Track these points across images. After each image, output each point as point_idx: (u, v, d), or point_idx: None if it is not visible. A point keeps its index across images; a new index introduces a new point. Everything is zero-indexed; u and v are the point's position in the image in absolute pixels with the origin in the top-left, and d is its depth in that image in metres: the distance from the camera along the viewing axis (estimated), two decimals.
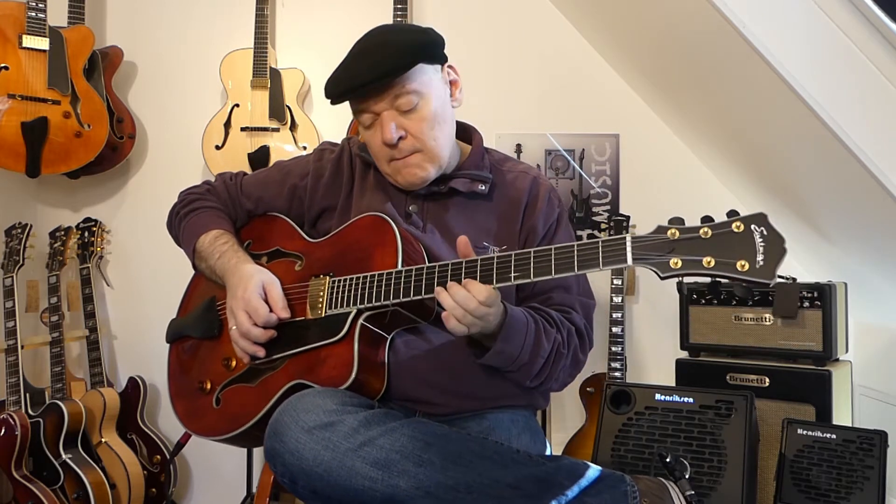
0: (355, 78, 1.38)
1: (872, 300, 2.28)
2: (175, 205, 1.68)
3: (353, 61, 1.41)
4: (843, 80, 1.71)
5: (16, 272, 2.49)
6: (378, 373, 1.37)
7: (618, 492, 1.28)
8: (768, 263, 1.09)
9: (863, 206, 1.93)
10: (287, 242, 1.55)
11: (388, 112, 1.41)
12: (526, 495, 1.22)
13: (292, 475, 1.22)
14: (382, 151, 1.45)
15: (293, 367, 1.39)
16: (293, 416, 1.23)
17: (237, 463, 2.67)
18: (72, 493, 2.33)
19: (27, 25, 2.50)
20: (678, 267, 1.12)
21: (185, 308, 1.65)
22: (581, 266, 1.18)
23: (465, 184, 1.50)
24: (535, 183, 1.54)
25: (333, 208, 1.56)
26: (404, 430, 1.24)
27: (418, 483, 1.19)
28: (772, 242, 1.10)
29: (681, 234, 1.14)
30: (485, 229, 1.49)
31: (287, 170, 1.63)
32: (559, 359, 1.41)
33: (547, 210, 1.52)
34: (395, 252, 1.36)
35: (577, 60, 2.74)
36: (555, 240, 1.50)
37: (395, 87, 1.39)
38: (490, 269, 1.24)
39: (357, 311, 1.35)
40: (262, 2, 2.71)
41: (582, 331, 1.47)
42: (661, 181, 2.71)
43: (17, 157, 2.48)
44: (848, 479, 1.74)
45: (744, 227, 1.11)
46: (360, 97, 1.41)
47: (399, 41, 1.41)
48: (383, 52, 1.38)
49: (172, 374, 1.59)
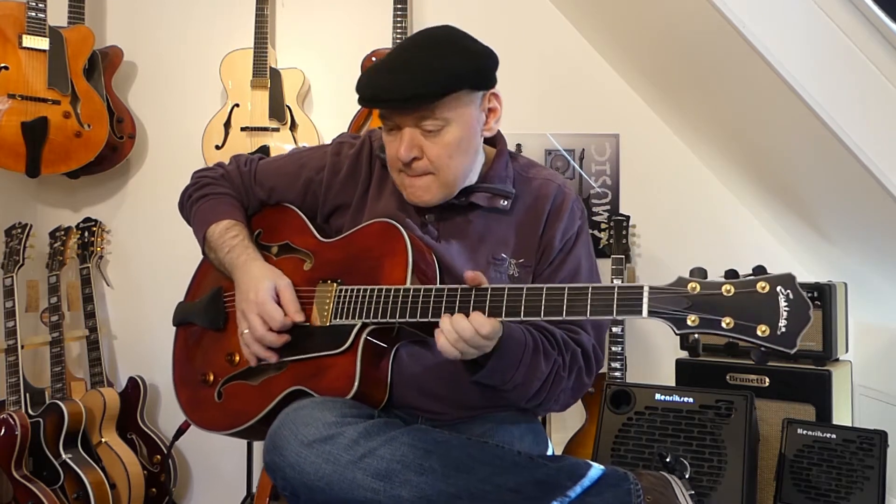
0: (386, 91, 1.32)
1: (872, 300, 2.28)
2: (187, 187, 1.64)
3: (391, 71, 1.34)
4: (843, 80, 1.71)
5: (16, 272, 2.49)
6: (380, 385, 1.36)
7: (620, 490, 1.28)
8: (791, 331, 1.03)
9: (863, 206, 1.93)
10: (297, 238, 1.53)
11: (410, 129, 1.35)
12: (528, 498, 1.22)
13: (294, 489, 1.22)
14: (396, 162, 1.39)
15: (295, 372, 1.38)
16: (292, 430, 1.23)
17: (237, 463, 2.67)
18: (72, 493, 2.33)
19: (27, 25, 2.50)
20: (695, 324, 1.08)
21: (193, 292, 1.64)
22: (593, 312, 1.15)
23: (487, 199, 1.44)
24: (560, 192, 1.48)
25: (347, 206, 1.53)
26: (404, 438, 1.23)
27: (421, 492, 1.19)
28: (797, 308, 1.04)
29: (701, 289, 1.09)
30: (503, 241, 1.45)
31: (303, 161, 1.58)
32: (559, 381, 1.37)
33: (567, 222, 1.46)
34: (405, 265, 1.34)
35: (577, 60, 2.74)
36: (572, 254, 1.46)
37: (422, 110, 1.33)
38: (500, 303, 1.22)
39: (362, 324, 1.34)
40: (262, 2, 2.71)
41: (589, 352, 1.41)
42: (661, 181, 2.71)
43: (17, 157, 2.47)
44: (848, 479, 1.74)
45: (769, 287, 1.05)
46: (388, 109, 1.36)
47: (440, 65, 1.32)
48: (423, 73, 1.31)
49: (178, 359, 1.58)
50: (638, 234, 2.64)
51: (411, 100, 1.31)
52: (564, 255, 1.46)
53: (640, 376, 2.63)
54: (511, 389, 1.34)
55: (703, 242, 2.67)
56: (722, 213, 2.68)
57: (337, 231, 1.52)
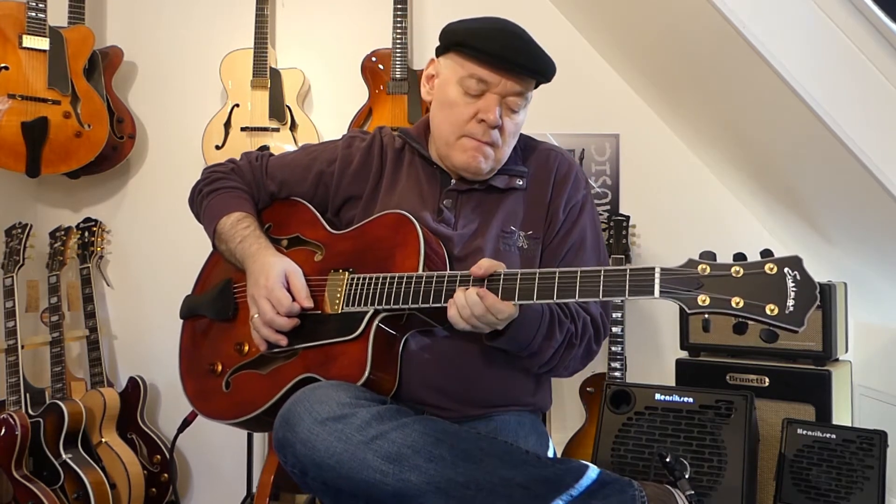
0: (523, 56, 1.39)
1: (872, 300, 2.28)
2: (198, 182, 1.66)
3: (519, 38, 1.41)
4: (843, 80, 1.71)
5: (16, 272, 2.50)
6: (390, 373, 1.37)
7: (626, 496, 1.28)
8: (798, 309, 1.07)
9: (863, 206, 1.93)
10: (308, 230, 1.54)
11: (499, 98, 1.41)
12: (535, 496, 1.23)
13: (303, 466, 1.22)
14: (465, 125, 1.43)
15: (305, 360, 1.39)
16: (306, 407, 1.23)
17: (237, 463, 2.67)
18: (72, 493, 2.33)
19: (27, 25, 2.50)
20: (706, 304, 1.11)
21: (201, 285, 1.64)
22: (606, 293, 1.18)
23: (504, 180, 1.50)
24: (564, 160, 1.55)
25: (359, 198, 1.54)
26: (416, 425, 1.24)
27: (429, 478, 1.19)
28: (804, 288, 1.07)
29: (711, 270, 1.12)
30: (513, 214, 1.49)
31: (314, 155, 1.60)
32: (570, 349, 1.42)
33: (572, 190, 1.52)
34: (416, 255, 1.35)
35: (577, 60, 2.74)
36: (578, 223, 1.50)
37: (528, 87, 1.43)
38: (513, 286, 1.24)
39: (374, 311, 1.35)
40: (262, 2, 2.71)
41: (598, 321, 1.47)
42: (661, 181, 2.71)
43: (17, 157, 2.48)
44: (848, 479, 1.74)
45: (777, 269, 1.09)
46: (504, 72, 1.40)
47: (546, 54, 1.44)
48: (545, 55, 1.43)
49: (184, 350, 1.59)
50: (638, 234, 2.64)
51: (539, 74, 1.42)
52: (571, 223, 1.50)
53: (640, 376, 2.62)
54: (527, 356, 1.39)
55: (702, 242, 2.65)
56: (722, 213, 2.68)
57: (347, 223, 1.53)
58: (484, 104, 1.40)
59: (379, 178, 1.55)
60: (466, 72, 1.41)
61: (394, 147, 1.57)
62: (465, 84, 1.41)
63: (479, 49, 1.38)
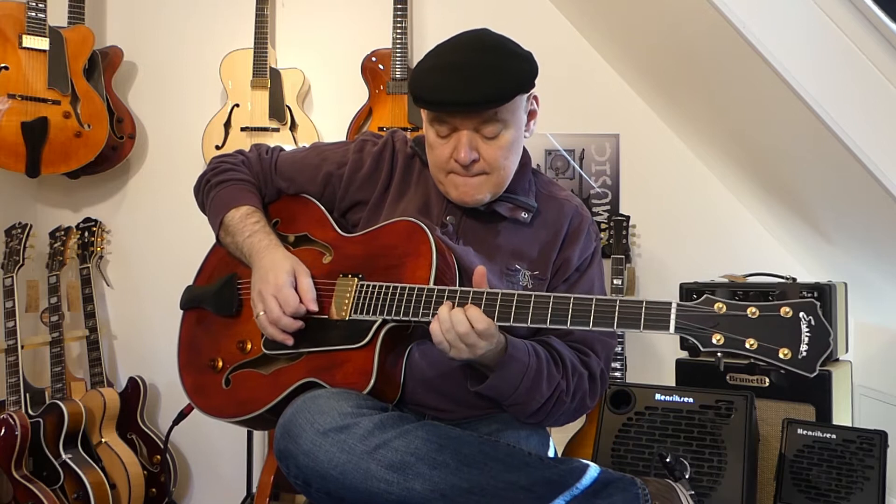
0: (457, 94, 1.31)
1: (872, 300, 2.28)
2: (205, 171, 1.63)
3: (454, 73, 1.32)
4: (843, 80, 1.71)
5: (16, 272, 2.50)
6: (394, 382, 1.36)
7: (630, 494, 1.28)
8: (811, 355, 1.08)
9: (863, 206, 1.93)
10: (317, 230, 1.52)
11: (468, 133, 1.35)
12: (538, 497, 1.23)
13: (306, 477, 1.22)
14: (447, 164, 1.39)
15: (309, 364, 1.38)
16: (308, 418, 1.23)
17: (237, 463, 2.67)
18: (72, 494, 2.33)
19: (27, 25, 2.50)
20: (720, 343, 1.11)
21: (203, 276, 1.62)
22: (620, 324, 1.17)
23: (509, 209, 1.46)
24: (577, 213, 1.51)
25: (366, 203, 1.53)
26: (418, 432, 1.23)
27: (433, 486, 1.19)
28: (818, 333, 1.08)
29: (728, 309, 1.12)
30: (518, 253, 1.45)
31: (325, 155, 1.58)
32: (560, 405, 1.38)
33: (584, 244, 1.49)
34: (428, 266, 1.33)
35: (577, 60, 2.74)
36: (586, 274, 1.49)
37: (487, 114, 1.34)
38: (526, 308, 1.22)
39: (382, 321, 1.33)
40: (262, 2, 2.71)
41: (596, 376, 1.42)
42: (661, 181, 2.71)
43: (17, 157, 2.48)
44: (848, 479, 1.74)
45: (792, 313, 1.10)
46: (451, 113, 1.35)
47: (508, 68, 1.34)
48: (494, 77, 1.31)
49: (183, 343, 1.57)
50: (638, 234, 2.64)
51: (482, 104, 1.32)
52: (580, 274, 1.48)
53: (640, 376, 2.62)
54: (510, 405, 1.37)
55: (702, 242, 2.67)
56: (722, 213, 2.68)
57: (353, 226, 1.52)
58: (456, 142, 1.37)
59: (387, 186, 1.53)
60: (428, 117, 1.40)
61: (405, 154, 1.55)
62: (434, 127, 1.39)
63: (419, 98, 1.35)
